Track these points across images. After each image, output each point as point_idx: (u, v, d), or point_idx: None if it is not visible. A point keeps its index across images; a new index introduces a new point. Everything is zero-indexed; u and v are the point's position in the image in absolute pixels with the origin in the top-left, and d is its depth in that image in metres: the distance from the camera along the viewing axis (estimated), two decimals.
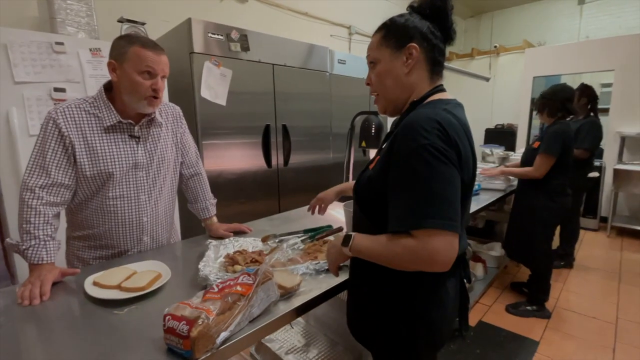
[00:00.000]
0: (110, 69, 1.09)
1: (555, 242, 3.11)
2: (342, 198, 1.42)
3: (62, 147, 1.07)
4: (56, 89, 1.66)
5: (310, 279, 1.03)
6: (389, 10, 4.71)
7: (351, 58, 3.25)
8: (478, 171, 2.57)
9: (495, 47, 5.45)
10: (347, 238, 0.82)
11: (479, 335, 2.16)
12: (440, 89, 0.85)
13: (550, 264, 2.36)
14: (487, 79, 3.79)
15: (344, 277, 1.04)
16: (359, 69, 3.33)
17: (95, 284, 0.96)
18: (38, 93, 1.62)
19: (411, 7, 0.85)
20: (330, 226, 1.41)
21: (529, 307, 2.38)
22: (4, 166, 1.61)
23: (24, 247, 1.00)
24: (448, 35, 0.84)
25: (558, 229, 3.04)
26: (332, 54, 3.02)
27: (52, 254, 1.03)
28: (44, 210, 1.04)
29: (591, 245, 3.72)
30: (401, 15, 0.84)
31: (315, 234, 1.31)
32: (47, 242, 1.03)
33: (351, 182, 1.39)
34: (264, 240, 1.30)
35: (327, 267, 1.06)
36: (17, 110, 1.58)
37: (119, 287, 0.94)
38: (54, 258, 1.04)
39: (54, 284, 0.99)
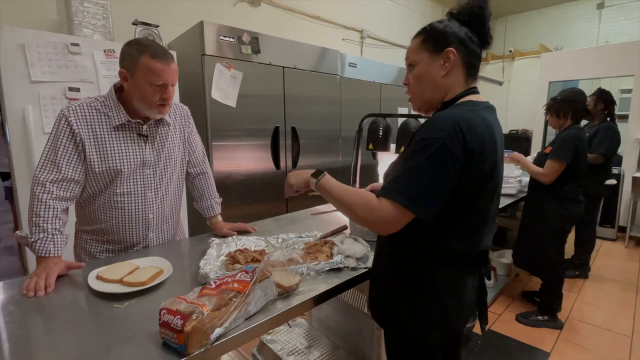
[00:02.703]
0: (121, 77, 1.12)
1: (570, 251, 3.03)
2: None
3: (73, 144, 1.10)
4: (71, 89, 1.72)
5: (310, 279, 1.02)
6: (402, 14, 4.71)
7: (362, 61, 3.25)
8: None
9: (510, 51, 5.37)
10: (319, 172, 0.93)
11: (488, 344, 2.11)
12: (473, 91, 0.88)
13: (561, 273, 2.30)
14: (500, 83, 3.74)
15: (345, 277, 1.04)
16: (370, 72, 3.32)
17: (98, 277, 0.98)
18: (53, 92, 1.68)
19: (450, 14, 0.89)
20: None
21: (540, 317, 2.31)
22: (20, 162, 1.66)
23: (32, 239, 1.02)
24: (485, 41, 0.88)
25: (572, 238, 2.96)
26: (343, 57, 3.03)
27: (59, 247, 1.05)
28: (54, 204, 1.07)
29: (608, 255, 3.60)
30: (440, 21, 0.88)
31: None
32: (55, 236, 1.05)
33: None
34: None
35: (327, 268, 1.06)
36: (33, 109, 1.63)
37: (120, 281, 0.96)
38: (61, 251, 1.06)
39: (60, 276, 1.01)
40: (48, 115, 1.67)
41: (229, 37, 2.23)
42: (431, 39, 0.87)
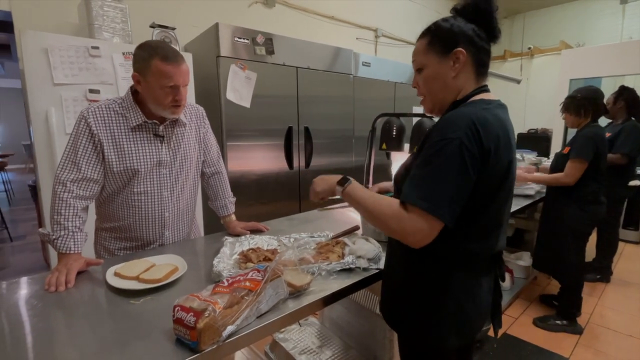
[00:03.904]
0: (135, 80, 1.15)
1: (592, 254, 2.94)
2: None
3: (92, 145, 1.14)
4: (91, 91, 1.77)
5: (321, 278, 1.02)
6: (416, 12, 4.66)
7: (376, 60, 3.23)
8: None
9: (530, 48, 5.24)
10: (345, 179, 0.91)
11: (504, 348, 2.06)
12: (484, 89, 0.86)
13: (580, 277, 2.23)
14: (518, 81, 3.65)
15: (357, 278, 1.04)
16: (384, 71, 3.30)
17: (116, 274, 1.01)
18: (75, 94, 1.73)
19: (455, 10, 0.87)
20: None
21: (558, 322, 2.25)
22: (43, 162, 1.73)
23: (53, 236, 1.06)
24: (493, 36, 0.85)
25: (594, 240, 2.87)
26: (357, 57, 3.02)
27: (79, 244, 1.09)
28: (74, 203, 1.11)
29: (631, 258, 3.47)
30: (445, 20, 0.85)
31: None
32: (75, 233, 1.09)
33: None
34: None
35: (339, 268, 1.06)
36: (56, 110, 1.69)
37: (137, 278, 0.98)
38: (81, 248, 1.10)
39: (79, 273, 1.05)
40: (70, 117, 1.73)
41: (244, 39, 2.26)
42: (438, 40, 0.84)
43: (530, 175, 2.36)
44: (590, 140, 2.01)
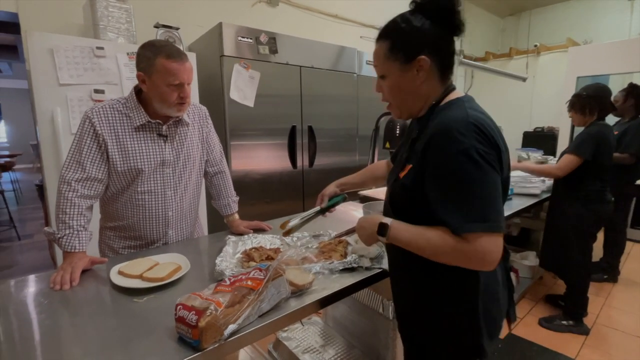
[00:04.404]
0: (139, 80, 1.15)
1: (599, 254, 2.91)
2: (362, 198, 1.41)
3: (97, 144, 1.15)
4: (96, 91, 1.79)
5: (324, 278, 1.03)
6: None
7: None
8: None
9: (536, 46, 5.18)
10: (383, 228, 0.80)
11: (508, 348, 2.05)
12: (452, 87, 0.84)
13: (587, 277, 2.20)
14: (524, 79, 3.62)
15: (359, 277, 1.03)
16: None
17: (120, 273, 1.02)
18: (80, 94, 1.75)
19: (415, 4, 0.79)
20: (344, 197, 1.38)
21: (564, 322, 2.23)
22: (49, 162, 1.75)
23: (59, 235, 1.07)
24: (457, 30, 0.79)
25: (601, 239, 2.84)
26: (361, 55, 3.01)
27: (84, 243, 1.10)
28: (79, 202, 1.12)
29: (639, 258, 3.42)
30: (405, 20, 0.79)
31: (331, 204, 1.30)
32: (80, 232, 1.10)
33: (352, 176, 1.37)
34: (283, 227, 1.28)
35: (341, 268, 1.06)
36: (61, 110, 1.71)
37: (140, 276, 0.99)
38: (86, 247, 1.11)
39: (84, 271, 1.06)
40: (75, 117, 1.75)
41: (247, 38, 2.26)
42: (399, 46, 0.78)
43: (520, 164, 2.34)
44: (591, 138, 1.99)
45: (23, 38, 1.88)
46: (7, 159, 6.46)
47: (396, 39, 0.80)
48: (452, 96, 0.82)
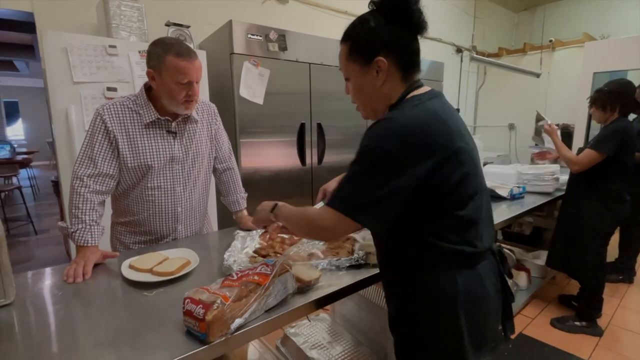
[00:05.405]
0: (149, 77, 1.17)
1: (614, 254, 2.84)
2: None
3: (108, 141, 1.17)
4: (109, 89, 1.82)
5: (330, 274, 1.03)
6: (434, 5, 4.57)
7: None
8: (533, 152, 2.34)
9: (551, 41, 5.07)
10: (274, 207, 0.95)
11: (519, 348, 2.02)
12: (415, 85, 0.82)
13: (601, 277, 2.15)
14: (538, 75, 3.54)
15: (366, 274, 1.03)
16: None
17: (130, 267, 1.04)
18: (93, 92, 1.78)
19: (373, 3, 0.81)
20: None
21: (577, 323, 2.19)
22: (64, 158, 1.78)
23: (72, 230, 1.10)
24: (417, 28, 0.79)
25: (616, 239, 2.77)
26: None
27: (96, 237, 1.13)
28: (91, 197, 1.14)
29: None
30: (363, 22, 0.81)
31: None
32: (92, 227, 1.12)
33: None
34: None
35: (348, 264, 1.07)
36: (75, 108, 1.75)
37: (150, 271, 1.01)
38: (98, 241, 1.13)
39: (97, 265, 1.09)
40: (88, 114, 1.78)
41: (257, 35, 2.27)
42: (357, 49, 0.80)
43: (553, 130, 2.23)
44: (616, 134, 1.92)
45: (38, 37, 1.92)
46: (25, 156, 6.64)
47: (354, 41, 0.82)
48: (411, 95, 0.81)
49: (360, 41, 0.80)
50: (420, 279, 0.80)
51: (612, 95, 2.01)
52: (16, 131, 11.14)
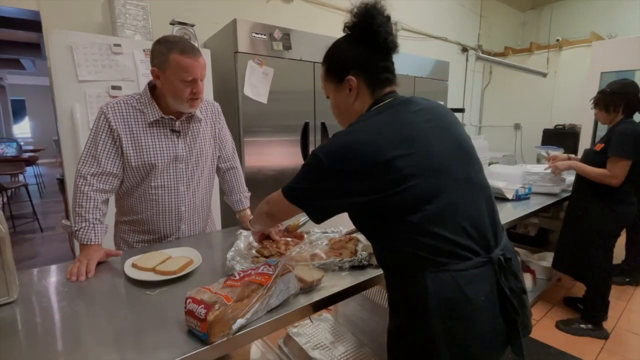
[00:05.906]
0: (153, 75, 1.16)
1: (621, 256, 2.81)
2: None
3: (112, 140, 1.17)
4: (113, 87, 1.82)
5: (333, 275, 1.02)
6: (439, 4, 4.55)
7: (395, 54, 3.17)
8: (545, 166, 2.34)
9: (558, 40, 5.02)
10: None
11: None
12: (381, 99, 0.86)
13: (608, 279, 2.13)
14: (545, 75, 3.51)
15: (369, 275, 1.03)
16: (403, 65, 3.24)
17: (134, 265, 1.04)
18: (98, 90, 1.79)
19: (347, 27, 0.87)
20: None
21: (583, 325, 2.17)
22: (69, 156, 1.80)
23: (75, 228, 1.10)
24: (384, 48, 0.85)
25: (623, 241, 2.74)
26: None
27: (99, 236, 1.13)
28: (94, 196, 1.14)
29: None
30: (337, 45, 0.89)
31: None
32: (96, 225, 1.13)
33: None
34: (293, 229, 1.27)
35: (351, 265, 1.06)
36: (80, 106, 1.75)
37: (153, 270, 1.01)
38: (101, 240, 1.14)
39: (100, 263, 1.09)
40: (93, 112, 1.79)
41: (261, 34, 2.26)
42: (332, 69, 0.89)
43: (574, 162, 2.12)
44: (629, 137, 1.89)
45: (44, 35, 1.93)
46: (31, 154, 6.70)
47: (329, 62, 0.90)
48: (374, 107, 0.85)
49: (333, 62, 0.89)
50: (398, 282, 0.83)
51: (614, 96, 1.99)
52: (23, 129, 11.26)
